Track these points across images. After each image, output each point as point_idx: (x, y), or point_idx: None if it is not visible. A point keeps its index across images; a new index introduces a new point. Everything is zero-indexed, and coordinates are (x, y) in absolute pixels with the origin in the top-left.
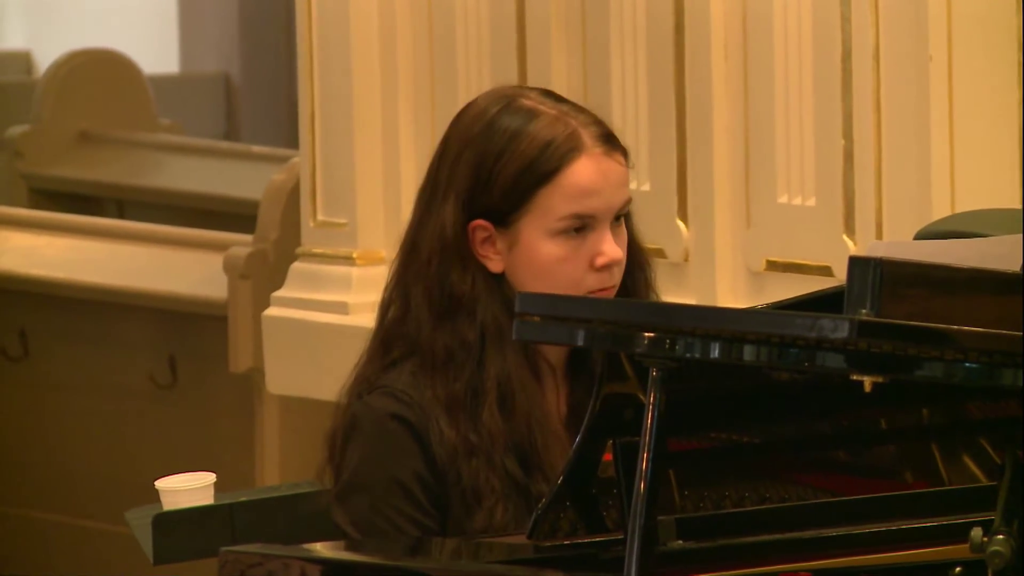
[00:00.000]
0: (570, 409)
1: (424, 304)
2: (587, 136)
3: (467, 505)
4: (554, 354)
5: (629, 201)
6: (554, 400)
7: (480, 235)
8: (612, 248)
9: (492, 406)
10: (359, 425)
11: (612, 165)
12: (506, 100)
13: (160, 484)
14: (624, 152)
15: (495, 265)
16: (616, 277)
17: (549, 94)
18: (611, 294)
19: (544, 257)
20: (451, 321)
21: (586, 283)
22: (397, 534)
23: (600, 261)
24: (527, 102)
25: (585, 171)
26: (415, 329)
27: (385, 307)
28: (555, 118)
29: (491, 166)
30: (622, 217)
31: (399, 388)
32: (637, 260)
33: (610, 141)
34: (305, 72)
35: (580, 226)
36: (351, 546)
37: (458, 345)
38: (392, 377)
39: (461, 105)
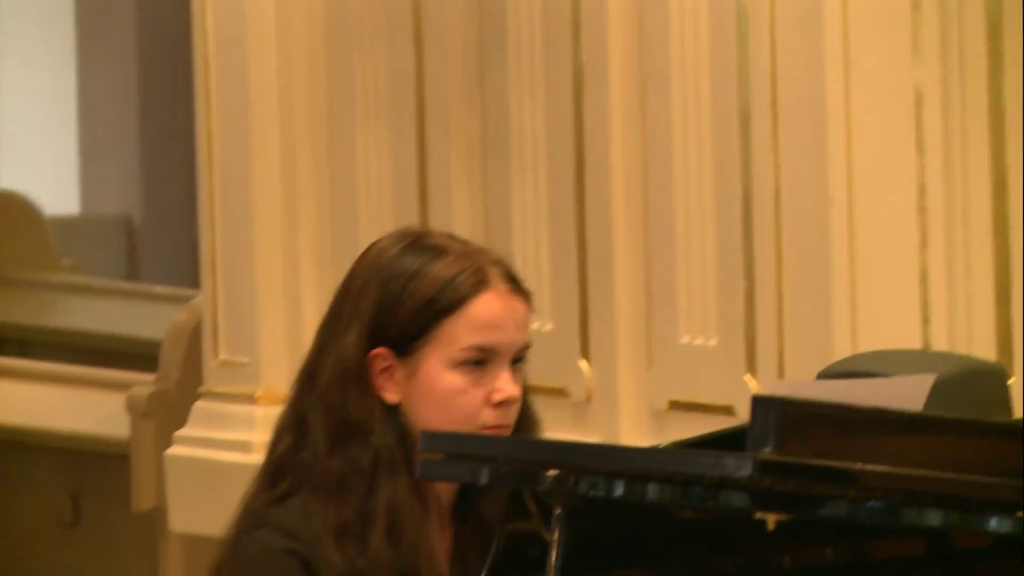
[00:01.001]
0: (455, 549)
1: (321, 430)
2: (493, 273)
3: None
4: (445, 491)
5: (528, 345)
6: (438, 536)
7: (380, 364)
8: (511, 386)
9: (381, 533)
10: (248, 561)
11: (516, 304)
12: (412, 237)
13: None
14: (527, 296)
15: (392, 396)
16: (511, 416)
17: (453, 237)
18: (506, 432)
19: (442, 388)
20: (345, 447)
21: (481, 418)
22: None
23: (497, 397)
24: (433, 240)
25: (491, 305)
26: (310, 455)
27: (276, 437)
28: (463, 254)
29: (397, 294)
30: (520, 362)
31: (288, 524)
32: (529, 416)
33: (515, 281)
34: (206, 212)
35: (480, 359)
36: None
37: (351, 471)
38: (280, 513)
39: (362, 243)
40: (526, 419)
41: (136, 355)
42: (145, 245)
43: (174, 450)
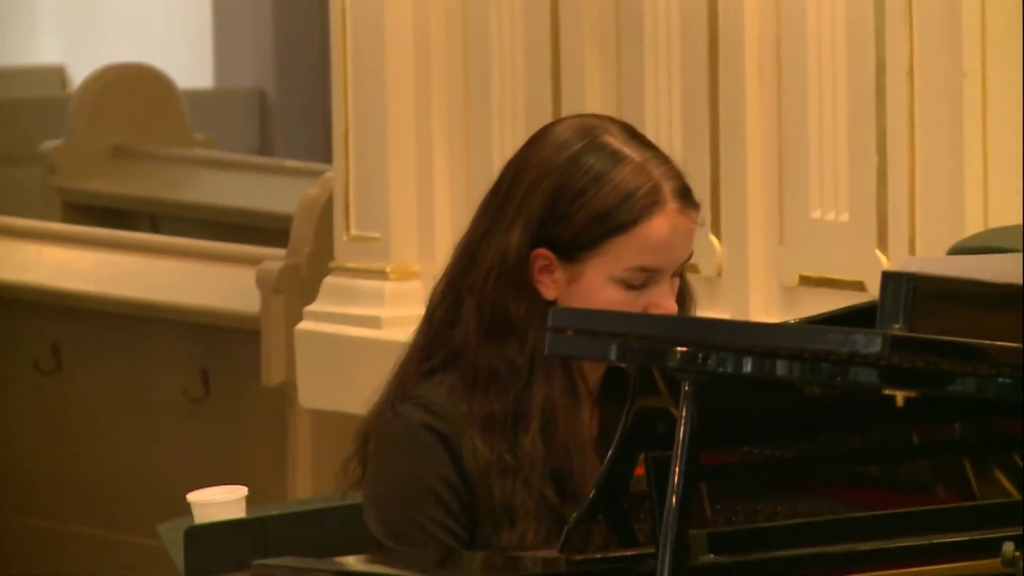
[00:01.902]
0: (601, 432)
1: (474, 318)
2: (667, 191)
3: (497, 523)
4: (593, 378)
5: (691, 255)
6: (588, 425)
7: (540, 263)
8: (669, 303)
9: (535, 432)
10: (391, 435)
11: (685, 222)
12: (590, 135)
13: (192, 497)
14: (697, 207)
15: (549, 292)
16: None
17: (633, 134)
18: None
19: (603, 300)
20: (499, 342)
21: None
22: (429, 542)
23: (653, 312)
24: (612, 141)
25: (661, 228)
26: (461, 340)
27: (434, 305)
28: (639, 166)
29: (569, 203)
30: (682, 269)
31: (432, 400)
32: (683, 293)
33: (687, 197)
34: (339, 87)
35: (643, 278)
36: (383, 559)
37: (505, 367)
38: (426, 388)
39: (495, 122)
40: (682, 297)
41: (267, 230)
42: (278, 119)
43: (304, 325)
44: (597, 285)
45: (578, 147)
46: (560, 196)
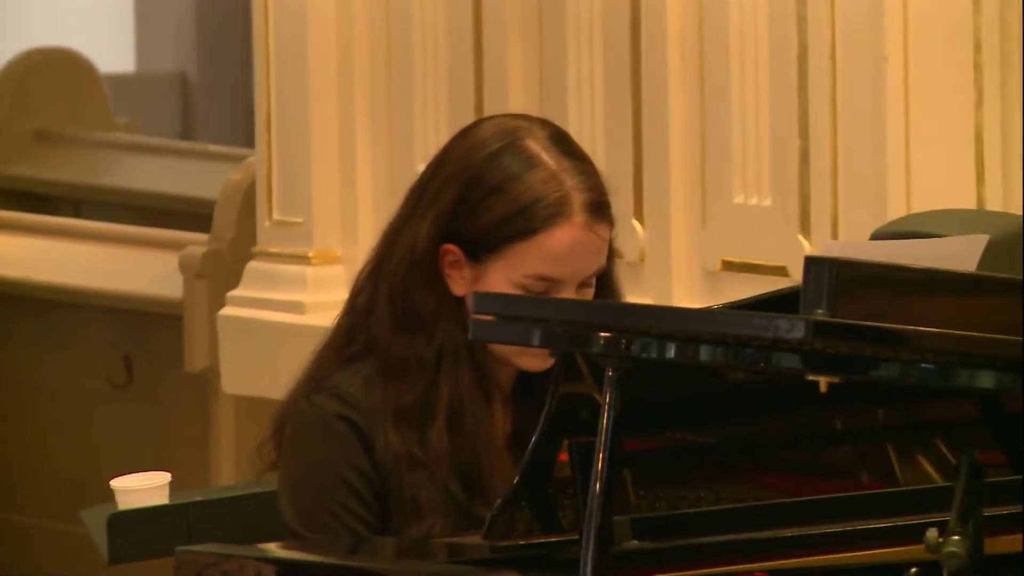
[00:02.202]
0: (514, 431)
1: (387, 307)
2: (576, 203)
3: (406, 515)
4: (504, 376)
5: (603, 268)
6: (500, 423)
7: (449, 258)
8: None
9: (441, 427)
10: (305, 424)
11: (592, 237)
12: (511, 137)
13: (115, 484)
14: (610, 222)
15: (458, 288)
16: None
17: (558, 140)
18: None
19: None
20: (409, 334)
21: None
22: (341, 530)
23: None
24: (532, 145)
25: (563, 239)
26: (376, 329)
27: (356, 293)
28: (552, 174)
29: (477, 201)
30: (592, 279)
31: (346, 390)
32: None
33: (598, 210)
34: (261, 71)
35: (544, 287)
36: (306, 546)
37: (414, 359)
38: (342, 378)
39: (417, 107)
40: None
41: (190, 215)
42: (200, 103)
43: (227, 311)
44: (498, 288)
45: (496, 147)
46: (470, 193)
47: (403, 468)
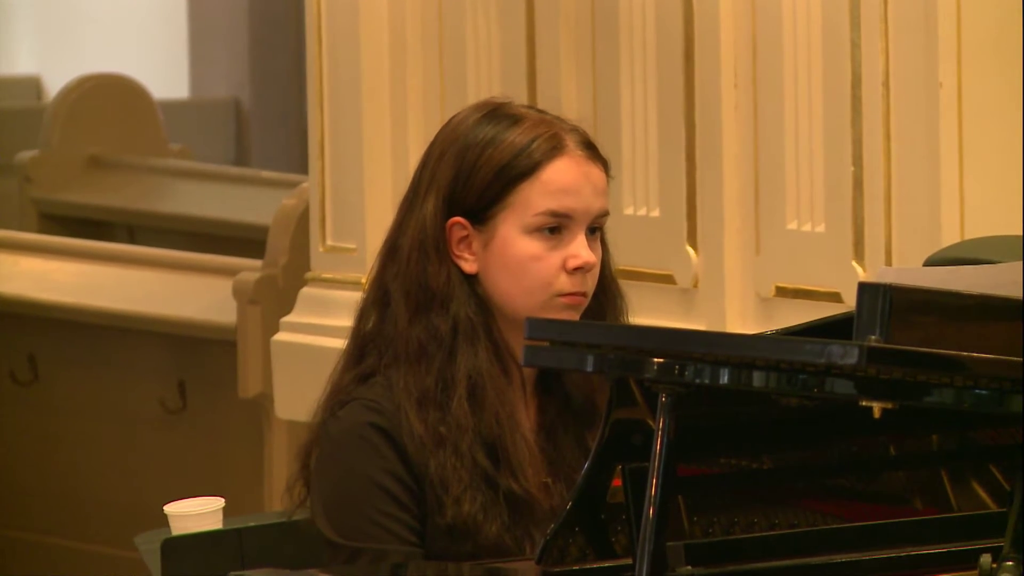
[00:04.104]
0: (541, 424)
1: (401, 300)
2: (569, 140)
3: (437, 497)
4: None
5: (606, 213)
6: (523, 409)
7: (457, 234)
8: (587, 252)
9: (461, 398)
10: (333, 438)
11: (593, 169)
12: (490, 108)
13: (169, 509)
14: (604, 163)
15: (469, 266)
16: (588, 284)
17: (533, 107)
18: (582, 302)
19: (518, 254)
20: (425, 315)
21: (558, 285)
22: (383, 536)
23: (573, 263)
24: (511, 109)
25: (566, 170)
26: (392, 326)
27: (361, 315)
28: (539, 121)
29: (472, 162)
30: (598, 231)
31: (370, 398)
32: (607, 287)
33: (591, 148)
34: (315, 97)
35: (556, 225)
36: (358, 571)
37: (430, 338)
38: (363, 390)
39: None
40: (609, 294)
41: (244, 240)
42: (254, 130)
43: (280, 336)
44: (511, 240)
45: (478, 116)
46: (464, 159)
47: (429, 451)
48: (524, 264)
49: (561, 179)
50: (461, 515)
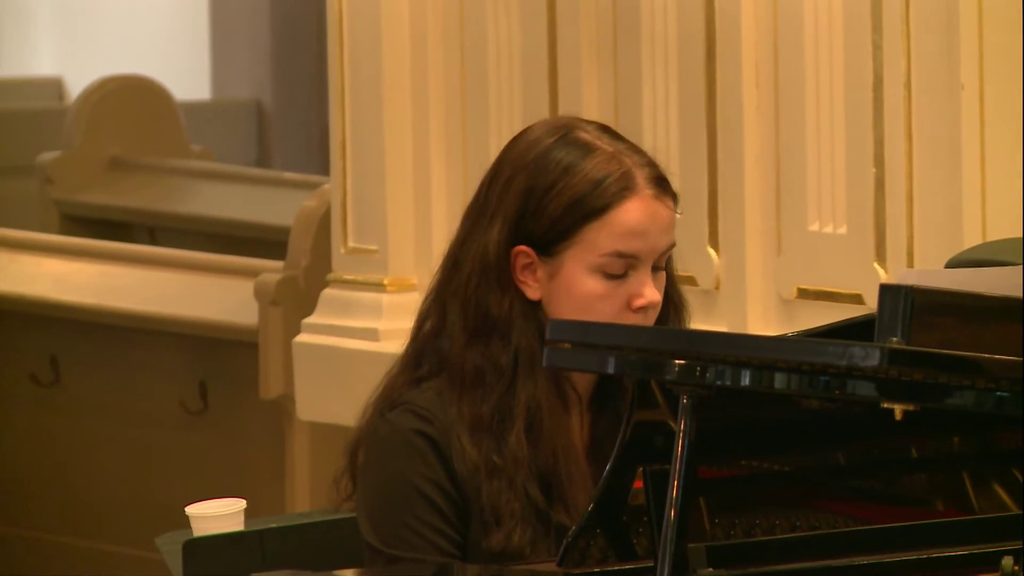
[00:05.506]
0: (592, 440)
1: (459, 321)
2: (640, 177)
3: (485, 524)
4: (582, 384)
5: (672, 245)
6: (578, 430)
7: (522, 261)
8: (651, 291)
9: (520, 431)
10: (380, 441)
11: (661, 209)
12: (563, 131)
13: (190, 510)
14: (674, 197)
15: (533, 292)
16: (651, 319)
17: (606, 130)
18: None
19: (583, 291)
20: (484, 342)
21: (621, 322)
22: (423, 546)
23: (638, 303)
24: (583, 135)
25: (634, 212)
26: (447, 345)
27: (421, 319)
28: (610, 155)
29: (541, 196)
30: (661, 268)
31: (421, 405)
32: (674, 301)
33: (662, 185)
34: (336, 99)
35: (622, 265)
36: (380, 572)
37: (489, 367)
38: (415, 395)
39: (492, 133)
40: (673, 303)
41: (265, 242)
42: (275, 131)
43: (302, 337)
44: (576, 276)
45: (549, 142)
46: (533, 190)
47: (482, 477)
48: (589, 302)
49: (629, 221)
50: (510, 547)
